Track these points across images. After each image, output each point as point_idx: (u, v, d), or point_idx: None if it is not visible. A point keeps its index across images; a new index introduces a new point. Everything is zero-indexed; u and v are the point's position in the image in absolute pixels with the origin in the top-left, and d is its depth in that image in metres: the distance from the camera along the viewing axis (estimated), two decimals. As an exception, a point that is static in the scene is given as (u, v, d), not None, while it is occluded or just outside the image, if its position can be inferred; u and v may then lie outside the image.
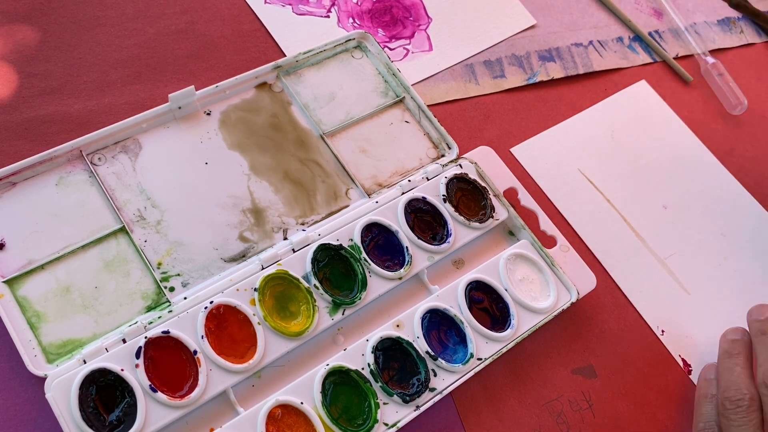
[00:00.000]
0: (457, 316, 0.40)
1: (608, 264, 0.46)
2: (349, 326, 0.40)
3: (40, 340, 0.35)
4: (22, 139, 0.41)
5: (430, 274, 0.42)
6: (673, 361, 0.44)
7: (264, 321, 0.37)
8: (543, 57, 0.55)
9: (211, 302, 0.36)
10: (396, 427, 0.36)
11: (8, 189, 0.38)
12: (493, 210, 0.44)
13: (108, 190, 0.39)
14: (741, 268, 0.49)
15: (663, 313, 0.45)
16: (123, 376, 0.33)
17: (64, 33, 0.45)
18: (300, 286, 0.38)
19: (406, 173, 0.45)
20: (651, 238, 0.48)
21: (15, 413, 0.34)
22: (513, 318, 0.41)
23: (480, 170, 0.46)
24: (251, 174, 0.42)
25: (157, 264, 0.38)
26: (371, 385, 0.37)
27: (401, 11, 0.54)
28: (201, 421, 0.35)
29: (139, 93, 0.44)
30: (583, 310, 0.44)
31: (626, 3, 0.61)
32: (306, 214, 0.42)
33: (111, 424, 0.32)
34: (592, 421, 0.40)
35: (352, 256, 0.40)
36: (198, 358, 0.35)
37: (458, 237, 0.43)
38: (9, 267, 0.36)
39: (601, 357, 0.43)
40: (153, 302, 0.37)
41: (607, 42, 0.58)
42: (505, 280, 0.42)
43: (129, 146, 0.41)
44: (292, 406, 0.35)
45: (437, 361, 0.38)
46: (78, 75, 0.44)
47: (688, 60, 0.60)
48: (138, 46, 0.46)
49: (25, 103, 0.42)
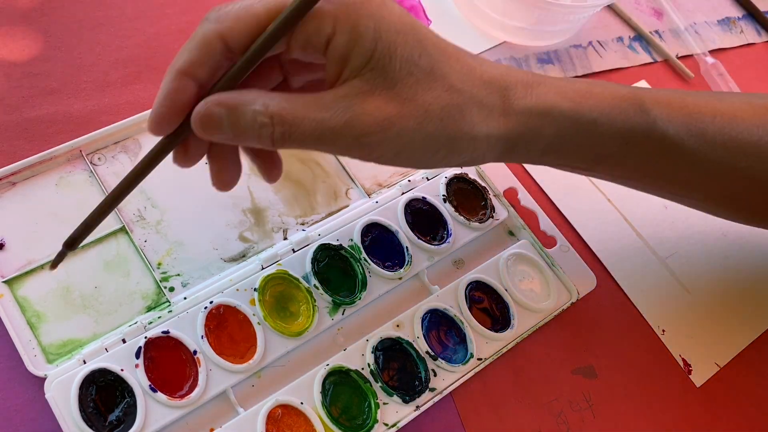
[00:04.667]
0: (457, 316, 0.40)
1: (609, 264, 0.46)
2: (349, 326, 0.39)
3: (40, 340, 0.35)
4: (22, 139, 0.41)
5: (430, 274, 0.42)
6: (674, 361, 0.44)
7: (264, 321, 0.37)
8: (541, 60, 0.55)
9: (211, 302, 0.36)
10: (396, 427, 0.36)
11: (8, 189, 0.38)
12: (493, 210, 0.44)
13: (108, 190, 0.39)
14: (742, 268, 0.49)
15: (664, 313, 0.45)
16: (123, 376, 0.33)
17: (65, 33, 0.45)
18: (300, 286, 0.38)
19: (406, 173, 0.45)
20: (652, 237, 0.48)
21: (15, 413, 0.34)
22: (513, 318, 0.41)
23: (480, 170, 0.46)
24: (251, 174, 0.42)
25: (157, 264, 0.38)
26: (371, 385, 0.36)
27: (401, 11, 0.54)
28: (201, 421, 0.35)
29: (139, 93, 0.44)
30: (583, 310, 0.44)
31: (626, 3, 0.61)
32: (306, 214, 0.42)
33: (111, 424, 0.32)
34: (592, 422, 0.40)
35: (352, 256, 0.40)
36: (198, 358, 0.35)
37: (458, 237, 0.43)
38: (9, 267, 0.36)
39: (601, 357, 0.43)
40: (153, 302, 0.37)
41: (607, 42, 0.58)
42: (505, 280, 0.42)
43: (129, 146, 0.41)
44: (292, 406, 0.35)
45: (437, 361, 0.38)
46: (78, 75, 0.44)
47: (688, 60, 0.60)
48: (138, 46, 0.46)
49: (25, 103, 0.42)
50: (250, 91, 0.28)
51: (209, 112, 0.28)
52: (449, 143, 0.30)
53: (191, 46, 0.28)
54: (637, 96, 0.35)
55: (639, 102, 0.34)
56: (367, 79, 0.28)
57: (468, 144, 0.30)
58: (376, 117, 0.28)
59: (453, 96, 0.29)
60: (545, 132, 0.32)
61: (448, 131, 0.29)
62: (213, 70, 0.28)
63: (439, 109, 0.29)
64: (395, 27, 0.28)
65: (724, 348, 0.45)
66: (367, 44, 0.27)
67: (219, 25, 0.27)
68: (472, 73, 0.30)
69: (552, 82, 0.33)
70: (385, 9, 0.28)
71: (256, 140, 0.28)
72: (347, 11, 0.27)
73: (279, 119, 0.27)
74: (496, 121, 0.30)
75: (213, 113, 0.28)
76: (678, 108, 0.36)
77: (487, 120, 0.30)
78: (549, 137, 0.32)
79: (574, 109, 0.32)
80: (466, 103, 0.29)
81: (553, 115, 0.32)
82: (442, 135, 0.29)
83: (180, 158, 0.30)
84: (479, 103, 0.30)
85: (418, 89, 0.28)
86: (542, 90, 0.32)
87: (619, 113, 0.34)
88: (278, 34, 0.27)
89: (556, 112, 0.32)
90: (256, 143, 0.28)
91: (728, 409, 0.43)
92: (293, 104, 0.28)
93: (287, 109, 0.27)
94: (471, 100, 0.29)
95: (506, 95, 0.31)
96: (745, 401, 0.44)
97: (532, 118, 0.31)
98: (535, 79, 0.32)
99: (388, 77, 0.28)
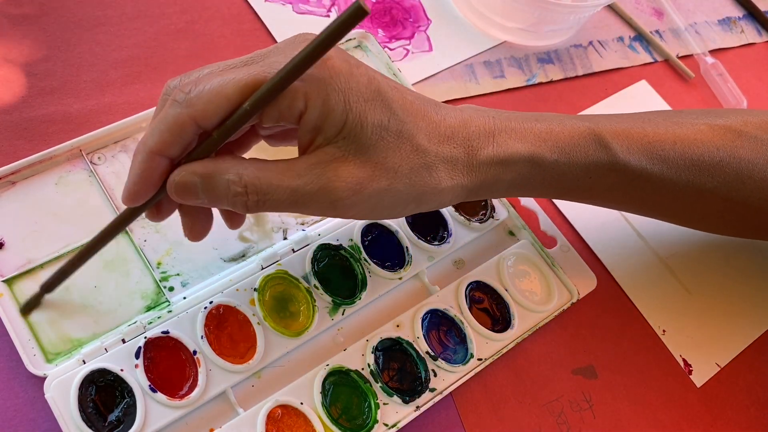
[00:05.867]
0: (457, 316, 0.40)
1: (609, 264, 0.46)
2: (349, 326, 0.39)
3: (40, 340, 0.35)
4: (22, 138, 0.41)
5: (430, 274, 0.42)
6: (674, 362, 0.44)
7: (264, 321, 0.37)
8: (542, 59, 0.55)
9: (211, 302, 0.36)
10: (396, 427, 0.36)
11: (8, 188, 0.38)
12: (493, 210, 0.44)
13: (108, 189, 0.39)
14: (742, 268, 0.49)
15: (664, 313, 0.45)
16: (122, 377, 0.33)
17: (64, 33, 0.45)
18: (300, 286, 0.38)
19: (406, 173, 0.45)
20: (652, 237, 0.48)
21: (14, 413, 0.34)
22: (513, 318, 0.41)
23: (480, 170, 0.46)
24: (251, 174, 0.42)
25: (157, 264, 0.38)
26: (371, 386, 0.36)
27: (401, 12, 0.54)
28: (201, 421, 0.35)
29: (139, 93, 0.44)
30: (583, 310, 0.44)
31: (627, 2, 0.61)
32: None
33: (110, 424, 0.32)
34: (592, 422, 0.40)
35: (352, 256, 0.40)
36: (198, 359, 0.35)
37: (458, 237, 0.43)
38: (9, 266, 0.36)
39: (601, 357, 0.43)
40: (152, 302, 0.37)
41: (608, 42, 0.58)
42: (505, 281, 0.42)
43: (129, 146, 0.41)
44: (292, 406, 0.35)
45: (437, 362, 0.38)
46: (78, 75, 0.44)
47: (688, 60, 0.60)
48: (138, 45, 0.46)
49: (25, 102, 0.42)
50: (224, 159, 0.29)
51: (184, 181, 0.29)
52: (418, 198, 0.31)
53: (162, 128, 0.28)
54: (595, 132, 0.36)
55: (598, 137, 0.36)
56: (340, 146, 0.29)
57: (435, 197, 0.32)
58: (349, 182, 0.29)
59: (420, 156, 0.31)
60: (506, 177, 0.34)
61: (416, 188, 0.31)
62: (184, 148, 0.29)
63: (408, 169, 0.30)
64: (363, 96, 0.29)
65: (725, 348, 0.45)
66: (338, 116, 0.28)
67: (190, 109, 0.28)
68: (437, 130, 0.31)
69: (513, 127, 0.34)
70: (352, 80, 0.29)
71: (230, 206, 0.29)
72: (317, 87, 0.28)
73: (253, 188, 0.28)
74: (460, 175, 0.32)
75: (188, 182, 0.29)
76: (637, 139, 0.37)
77: (451, 174, 0.32)
78: (511, 180, 0.34)
79: (535, 152, 0.34)
80: (433, 162, 0.31)
81: (515, 161, 0.34)
82: (411, 192, 0.31)
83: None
84: (444, 160, 0.31)
85: (388, 153, 0.30)
86: (503, 138, 0.33)
87: (579, 150, 0.35)
88: (252, 113, 0.28)
89: (517, 157, 0.34)
90: (230, 208, 0.30)
91: (729, 409, 0.43)
92: (267, 173, 0.29)
93: (261, 178, 0.29)
94: (437, 158, 0.31)
95: (470, 147, 0.32)
96: (745, 401, 0.44)
97: (494, 167, 0.33)
98: (497, 126, 0.34)
99: (360, 144, 0.29)
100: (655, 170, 0.37)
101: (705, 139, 0.38)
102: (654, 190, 0.38)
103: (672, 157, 0.37)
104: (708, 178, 0.38)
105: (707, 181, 0.38)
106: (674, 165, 0.37)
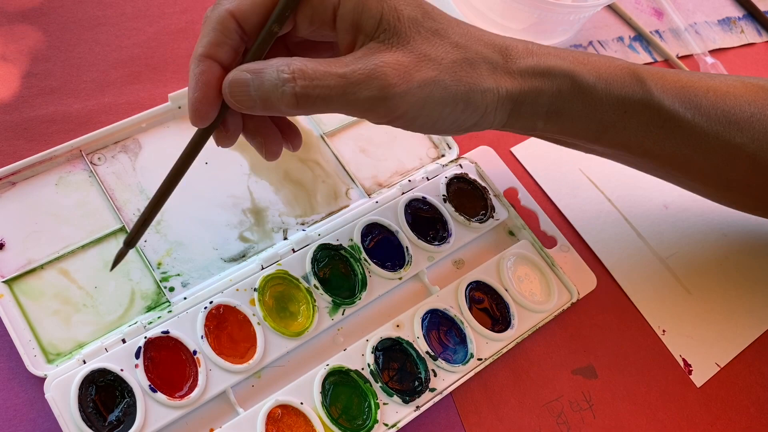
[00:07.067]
0: (457, 316, 0.40)
1: (609, 264, 0.46)
2: (349, 326, 0.39)
3: (40, 340, 0.35)
4: (22, 139, 0.41)
5: (430, 274, 0.42)
6: (674, 361, 0.44)
7: (264, 321, 0.37)
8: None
9: (211, 302, 0.36)
10: (396, 427, 0.36)
11: (8, 189, 0.38)
12: (493, 210, 0.44)
13: (108, 189, 0.39)
14: (742, 267, 0.49)
15: (664, 313, 0.45)
16: (122, 377, 0.33)
17: (64, 33, 0.45)
18: (300, 286, 0.38)
19: (406, 173, 0.45)
20: (652, 237, 0.48)
21: (14, 413, 0.34)
22: (513, 318, 0.41)
23: (480, 170, 0.46)
24: (251, 174, 0.42)
25: (157, 264, 0.38)
26: (371, 386, 0.36)
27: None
28: (201, 421, 0.35)
29: (139, 93, 0.44)
30: (583, 310, 0.44)
31: (627, 2, 0.61)
32: (306, 214, 0.42)
33: (110, 424, 0.32)
34: (592, 422, 0.40)
35: (352, 256, 0.40)
36: (198, 358, 0.35)
37: (458, 237, 0.43)
38: (9, 267, 0.36)
39: (601, 357, 0.43)
40: (153, 302, 0.37)
41: (608, 42, 0.58)
42: (505, 281, 0.42)
43: (129, 146, 0.41)
44: (292, 406, 0.35)
45: (437, 362, 0.38)
46: (78, 75, 0.44)
47: (689, 60, 0.60)
48: (138, 45, 0.46)
49: (25, 103, 0.42)
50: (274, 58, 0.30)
51: (236, 78, 0.29)
52: (465, 96, 0.31)
53: (208, 29, 0.29)
54: (632, 68, 0.36)
55: (634, 73, 0.36)
56: (382, 39, 0.29)
57: (481, 97, 0.32)
58: (397, 67, 0.29)
59: (460, 51, 0.31)
60: (547, 90, 0.34)
61: (462, 83, 0.31)
62: (233, 51, 0.30)
63: (450, 62, 0.31)
64: None
65: (725, 348, 0.45)
66: (374, 7, 0.29)
67: (230, 5, 0.29)
68: (473, 35, 0.32)
69: (550, 49, 0.35)
70: None
71: (280, 100, 0.29)
72: None
73: (300, 74, 0.29)
74: (502, 76, 0.32)
75: (239, 78, 0.29)
76: (672, 81, 0.37)
77: (494, 75, 0.32)
78: (551, 95, 0.34)
79: (572, 70, 0.34)
80: (474, 58, 0.31)
81: (553, 74, 0.34)
82: (459, 87, 0.31)
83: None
84: (485, 59, 0.32)
85: (428, 46, 0.30)
86: (542, 53, 0.34)
87: (616, 80, 0.36)
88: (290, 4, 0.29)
89: (556, 71, 0.34)
90: (281, 105, 0.29)
91: (729, 409, 0.43)
92: (315, 63, 0.29)
93: (309, 66, 0.29)
94: (477, 56, 0.32)
95: (507, 55, 0.33)
96: (745, 401, 0.44)
97: (533, 78, 0.33)
98: (535, 46, 0.34)
99: (401, 35, 0.30)
100: (687, 116, 0.37)
101: (737, 93, 0.38)
102: (684, 140, 0.38)
103: (704, 105, 0.37)
104: (737, 132, 0.38)
105: (736, 135, 0.38)
106: (705, 114, 0.37)
